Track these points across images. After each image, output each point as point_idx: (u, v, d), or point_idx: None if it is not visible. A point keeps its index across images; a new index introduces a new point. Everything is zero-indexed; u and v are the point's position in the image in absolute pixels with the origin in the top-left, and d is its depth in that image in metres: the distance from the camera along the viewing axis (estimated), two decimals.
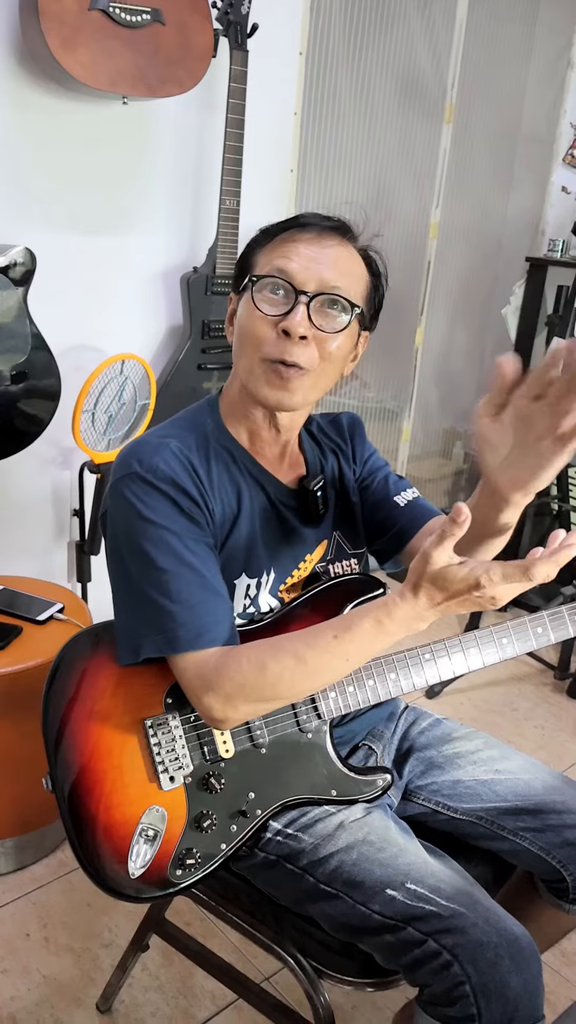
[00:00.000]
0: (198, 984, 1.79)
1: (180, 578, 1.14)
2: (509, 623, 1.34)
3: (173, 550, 1.15)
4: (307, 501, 1.33)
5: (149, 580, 1.15)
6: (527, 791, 1.36)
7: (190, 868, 1.20)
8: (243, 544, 1.26)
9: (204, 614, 1.14)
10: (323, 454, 1.40)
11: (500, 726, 2.74)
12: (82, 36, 2.06)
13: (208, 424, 1.28)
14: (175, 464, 1.18)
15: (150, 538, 1.15)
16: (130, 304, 2.59)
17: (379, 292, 1.28)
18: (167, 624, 1.13)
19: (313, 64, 2.84)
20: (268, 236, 1.24)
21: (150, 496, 1.16)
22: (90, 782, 1.19)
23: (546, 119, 3.65)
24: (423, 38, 3.12)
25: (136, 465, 1.18)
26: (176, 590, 1.14)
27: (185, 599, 1.14)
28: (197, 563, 1.16)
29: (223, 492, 1.24)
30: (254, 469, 1.29)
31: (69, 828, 1.19)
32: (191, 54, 2.25)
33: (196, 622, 1.13)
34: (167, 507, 1.16)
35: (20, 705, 1.86)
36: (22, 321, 2.13)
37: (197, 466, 1.21)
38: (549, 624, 1.35)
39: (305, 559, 1.34)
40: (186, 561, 1.15)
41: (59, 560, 2.68)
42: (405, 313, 3.45)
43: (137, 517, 1.16)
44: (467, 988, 1.08)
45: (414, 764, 1.43)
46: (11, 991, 1.75)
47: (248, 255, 1.25)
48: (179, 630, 1.13)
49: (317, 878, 1.22)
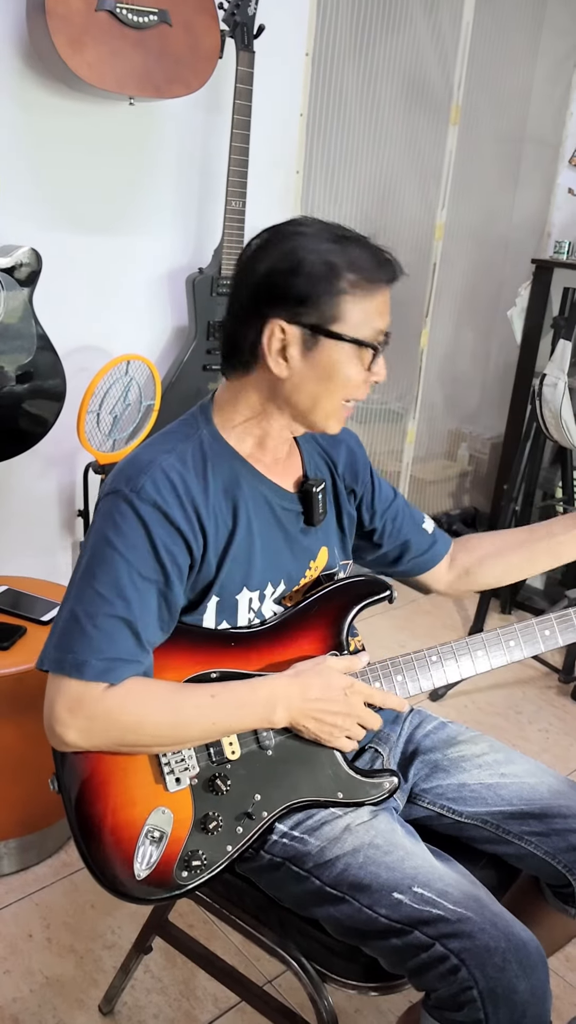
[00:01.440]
0: (201, 986, 1.78)
1: (112, 608, 1.13)
2: (516, 626, 1.34)
3: (117, 578, 1.14)
4: (309, 503, 1.33)
5: (83, 598, 1.14)
6: (532, 795, 1.35)
7: (196, 870, 1.19)
8: (242, 558, 1.25)
9: (114, 656, 1.13)
10: (316, 460, 1.40)
11: (504, 729, 2.74)
12: (89, 37, 2.06)
13: (203, 435, 1.25)
14: (163, 485, 1.17)
15: (103, 560, 1.15)
16: (135, 305, 2.59)
17: None
18: (80, 647, 1.12)
19: (319, 65, 2.84)
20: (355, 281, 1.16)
21: (125, 520, 1.15)
22: (97, 783, 1.18)
23: (552, 121, 3.64)
24: (429, 39, 3.12)
25: (122, 484, 1.17)
26: (103, 619, 1.13)
27: (104, 634, 1.13)
28: (133, 600, 1.14)
29: (218, 508, 1.22)
30: (254, 478, 1.27)
31: (75, 829, 1.19)
32: (198, 55, 2.25)
33: (107, 655, 1.12)
34: (137, 536, 1.15)
35: (24, 706, 1.86)
36: (28, 322, 2.13)
37: (191, 484, 1.19)
38: (557, 627, 1.34)
39: (310, 566, 1.34)
40: (125, 596, 1.14)
41: (63, 560, 2.68)
42: (410, 314, 3.45)
43: (103, 538, 1.16)
44: (474, 993, 1.08)
45: (419, 767, 1.42)
46: (13, 992, 1.74)
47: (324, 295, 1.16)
48: (91, 658, 1.12)
49: (323, 881, 1.21)
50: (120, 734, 1.14)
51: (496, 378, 3.94)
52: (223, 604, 1.25)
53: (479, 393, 4.00)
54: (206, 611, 1.24)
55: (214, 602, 1.24)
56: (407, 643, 3.16)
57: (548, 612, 1.30)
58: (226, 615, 1.26)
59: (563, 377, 2.96)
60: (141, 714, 1.14)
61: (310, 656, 1.28)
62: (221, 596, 1.24)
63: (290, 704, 1.20)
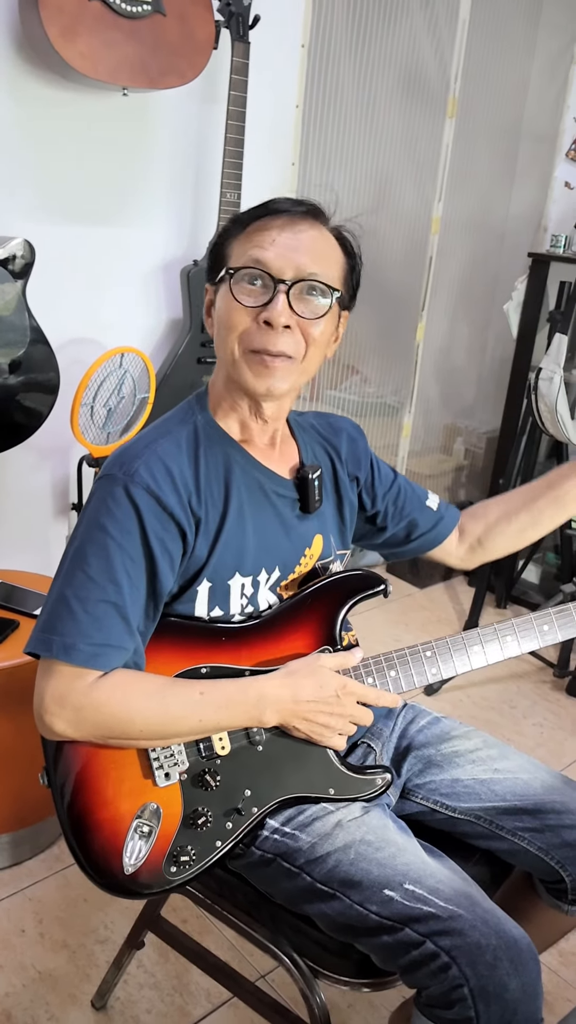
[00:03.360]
0: (193, 981, 1.78)
1: (103, 593, 1.13)
2: (513, 620, 1.33)
3: (109, 562, 1.13)
4: (304, 491, 1.32)
5: (73, 581, 1.14)
6: (526, 791, 1.35)
7: (185, 865, 1.19)
8: (234, 542, 1.24)
9: (103, 641, 1.12)
10: (314, 448, 1.39)
11: (499, 724, 2.74)
12: (82, 26, 2.04)
13: (198, 420, 1.26)
14: (157, 470, 1.17)
15: (95, 544, 1.14)
16: (130, 297, 2.58)
17: (355, 272, 1.28)
18: (69, 630, 1.12)
19: (315, 57, 2.82)
20: (240, 225, 1.22)
21: (118, 504, 1.15)
22: (86, 777, 1.18)
23: (549, 114, 3.63)
24: (426, 32, 3.10)
25: (116, 469, 1.17)
26: (93, 603, 1.12)
27: (94, 618, 1.12)
28: (124, 585, 1.14)
29: (210, 492, 1.22)
30: (247, 463, 1.27)
31: (64, 823, 1.19)
32: (192, 45, 2.23)
33: (96, 639, 1.12)
34: (130, 521, 1.15)
35: (16, 700, 1.85)
36: (21, 314, 2.11)
37: (184, 468, 1.19)
38: (556, 622, 1.33)
39: (305, 553, 1.33)
40: (116, 580, 1.13)
41: (57, 554, 2.66)
42: (406, 308, 3.44)
43: (95, 521, 1.15)
44: (465, 991, 1.07)
45: (412, 762, 1.42)
46: (6, 987, 1.74)
47: (222, 245, 1.24)
48: (80, 642, 1.11)
49: (314, 877, 1.20)
50: (107, 726, 1.14)
51: (492, 372, 3.93)
52: (215, 589, 1.24)
53: (475, 387, 4.00)
54: (197, 596, 1.23)
55: (206, 587, 1.23)
56: (402, 637, 3.16)
57: (544, 607, 1.29)
58: (218, 601, 1.25)
59: (559, 371, 2.95)
60: (129, 708, 1.13)
61: (302, 652, 1.27)
62: (213, 581, 1.23)
63: (281, 706, 1.20)
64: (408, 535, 1.50)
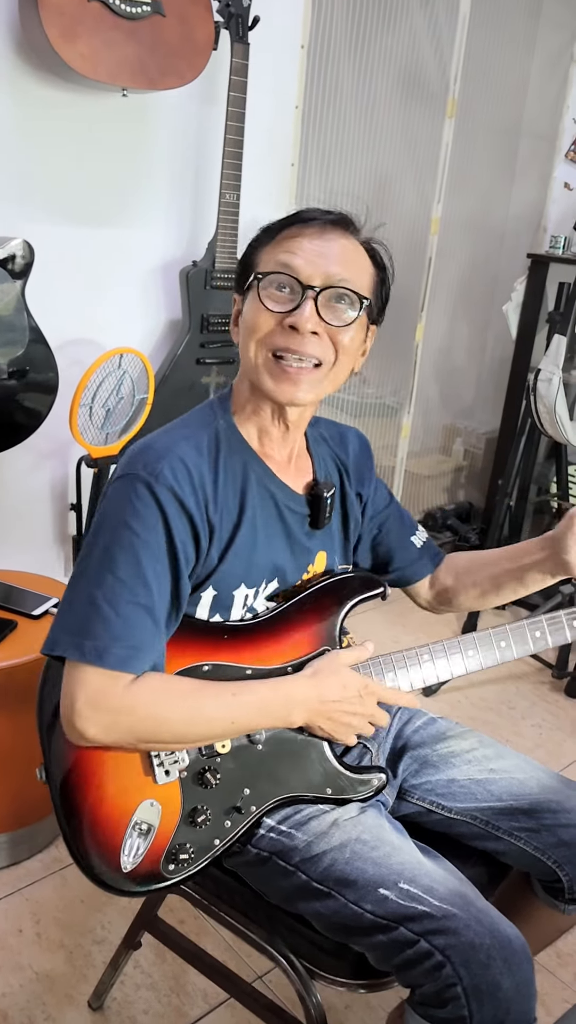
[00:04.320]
0: (190, 982, 1.78)
1: (132, 594, 1.11)
2: (508, 626, 1.33)
3: (138, 563, 1.12)
4: (316, 508, 1.32)
5: (102, 582, 1.12)
6: (522, 791, 1.35)
7: (183, 863, 1.19)
8: (244, 554, 1.23)
9: (136, 644, 1.11)
10: (327, 463, 1.39)
11: (497, 725, 2.74)
12: (82, 27, 2.04)
13: (220, 424, 1.25)
14: (180, 473, 1.16)
15: (122, 543, 1.13)
16: (129, 298, 2.58)
17: (385, 285, 1.27)
18: (101, 633, 1.10)
19: (315, 57, 2.82)
20: (270, 234, 1.22)
21: (144, 503, 1.14)
22: (84, 774, 1.18)
23: (549, 114, 3.63)
24: (426, 32, 3.11)
25: (140, 468, 1.15)
26: (123, 605, 1.11)
27: (124, 620, 1.11)
28: (153, 586, 1.13)
29: (226, 501, 1.22)
30: (264, 474, 1.27)
31: (62, 820, 1.18)
32: (192, 46, 2.23)
33: (129, 642, 1.11)
34: (155, 520, 1.14)
35: (15, 700, 1.86)
36: (20, 314, 2.12)
37: (204, 474, 1.19)
38: (547, 629, 1.34)
39: (308, 570, 1.34)
40: (145, 581, 1.12)
41: (55, 554, 2.68)
42: (406, 309, 3.44)
43: (121, 520, 1.14)
44: (459, 990, 1.07)
45: (408, 763, 1.42)
46: (3, 987, 1.74)
47: (251, 254, 1.24)
48: (113, 645, 1.10)
49: (309, 876, 1.21)
50: (142, 729, 1.13)
51: (491, 373, 3.94)
52: (219, 598, 1.24)
53: (474, 388, 4.00)
54: (200, 601, 1.23)
55: (210, 595, 1.23)
56: (400, 638, 3.16)
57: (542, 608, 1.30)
58: (220, 609, 1.25)
59: (558, 372, 2.95)
60: (164, 710, 1.13)
61: (303, 652, 1.27)
62: (219, 590, 1.23)
63: (308, 706, 1.21)
64: (384, 564, 1.50)
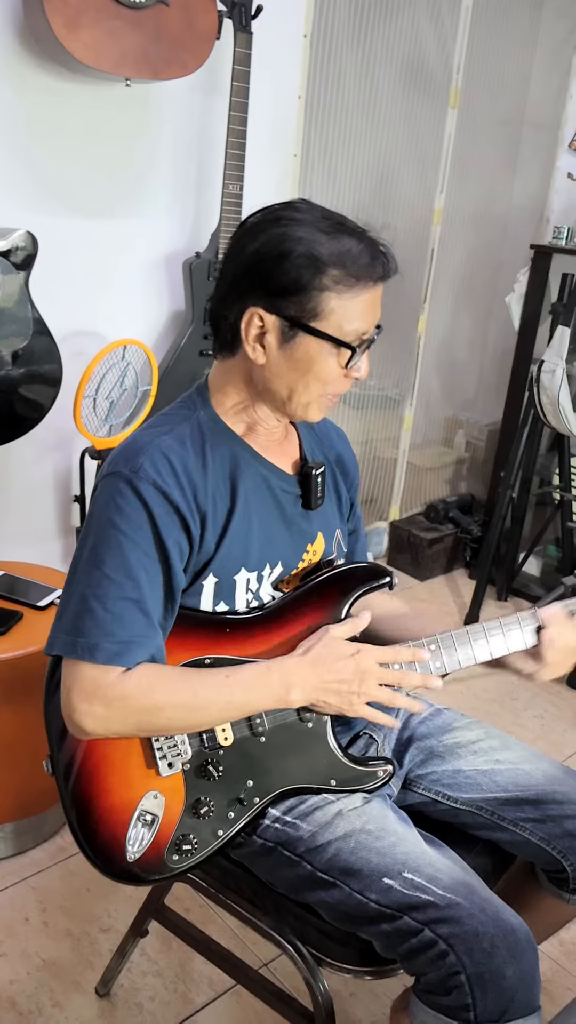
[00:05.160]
0: (196, 969, 1.79)
1: (121, 590, 1.13)
2: (518, 615, 1.33)
3: (124, 559, 1.14)
4: (307, 486, 1.32)
5: (91, 580, 1.14)
6: (528, 781, 1.36)
7: (187, 854, 1.20)
8: (240, 537, 1.24)
9: (127, 638, 1.13)
10: (313, 445, 1.40)
11: (500, 715, 2.74)
12: (86, 17, 2.04)
13: (200, 416, 1.25)
14: (161, 465, 1.16)
15: (109, 542, 1.14)
16: (132, 289, 2.58)
17: None
18: (92, 630, 1.12)
19: (317, 47, 2.81)
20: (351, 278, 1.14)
21: (126, 501, 1.15)
22: (90, 765, 1.19)
23: (552, 104, 3.62)
24: (429, 22, 3.09)
25: (121, 465, 1.17)
26: (112, 601, 1.13)
27: (114, 616, 1.13)
28: (143, 581, 1.14)
29: (216, 488, 1.22)
30: (252, 458, 1.27)
31: (68, 810, 1.20)
32: (195, 36, 2.23)
33: (119, 637, 1.12)
34: (140, 516, 1.15)
35: (20, 690, 1.86)
36: (23, 306, 2.12)
37: (189, 463, 1.19)
38: None
39: (308, 550, 1.34)
40: (133, 576, 1.14)
41: (60, 546, 2.68)
42: (408, 300, 3.43)
43: (106, 519, 1.15)
44: (462, 978, 1.08)
45: (414, 753, 1.42)
46: (10, 975, 1.75)
47: (309, 286, 1.13)
48: (103, 641, 1.12)
49: (314, 866, 1.21)
50: (137, 719, 1.14)
51: (494, 364, 3.93)
52: (221, 585, 1.24)
53: (476, 380, 3.99)
54: (203, 591, 1.23)
55: (212, 582, 1.23)
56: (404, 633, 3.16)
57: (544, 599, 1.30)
58: (224, 596, 1.25)
59: (561, 363, 2.95)
60: (158, 697, 1.14)
61: None
62: (219, 576, 1.24)
63: (304, 683, 1.20)
64: None
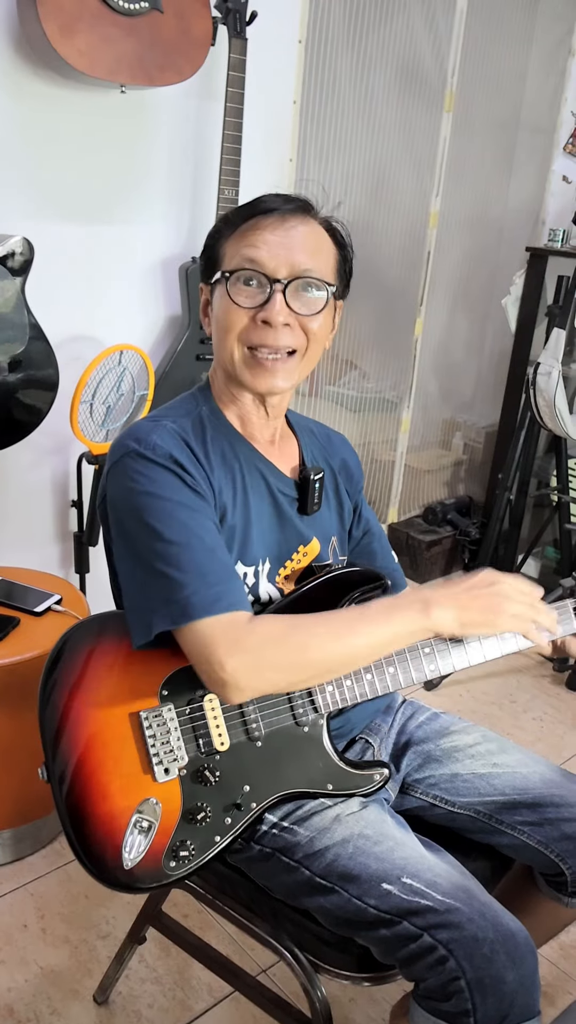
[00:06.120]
0: (195, 976, 1.79)
1: (190, 549, 1.11)
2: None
3: (180, 522, 1.13)
4: (305, 492, 1.32)
5: (157, 554, 1.12)
6: (525, 785, 1.35)
7: (184, 860, 1.19)
8: (239, 530, 1.25)
9: (217, 582, 1.11)
10: (315, 451, 1.40)
11: (499, 718, 2.74)
12: (80, 24, 2.04)
13: (203, 410, 1.28)
14: (172, 442, 1.18)
15: (155, 512, 1.13)
16: (128, 294, 2.58)
17: (348, 261, 1.30)
18: (178, 595, 1.10)
19: (312, 52, 2.81)
20: (231, 225, 1.24)
21: (151, 470, 1.15)
22: (85, 772, 1.18)
23: (547, 107, 3.62)
24: (423, 25, 3.10)
25: (133, 444, 1.17)
26: (187, 561, 1.11)
27: (196, 569, 1.11)
28: (206, 535, 1.14)
29: (221, 475, 1.24)
30: (252, 456, 1.28)
31: (64, 817, 1.19)
32: (190, 42, 2.23)
33: (210, 589, 1.10)
34: (170, 480, 1.15)
35: (17, 696, 1.86)
36: (20, 311, 2.12)
37: (195, 447, 1.21)
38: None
39: (299, 549, 1.34)
40: (195, 532, 1.13)
41: (57, 551, 2.68)
42: (405, 303, 3.43)
43: (140, 494, 1.14)
44: (462, 983, 1.08)
45: (412, 758, 1.42)
46: (8, 982, 1.75)
47: (214, 246, 1.25)
48: (192, 597, 1.09)
49: (312, 871, 1.21)
50: (285, 659, 1.11)
51: (490, 367, 3.93)
52: None
53: (473, 382, 3.99)
54: None
55: None
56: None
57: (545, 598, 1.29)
58: None
59: (557, 365, 2.95)
60: (298, 633, 1.12)
61: None
62: None
63: (450, 599, 1.16)
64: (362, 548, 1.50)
